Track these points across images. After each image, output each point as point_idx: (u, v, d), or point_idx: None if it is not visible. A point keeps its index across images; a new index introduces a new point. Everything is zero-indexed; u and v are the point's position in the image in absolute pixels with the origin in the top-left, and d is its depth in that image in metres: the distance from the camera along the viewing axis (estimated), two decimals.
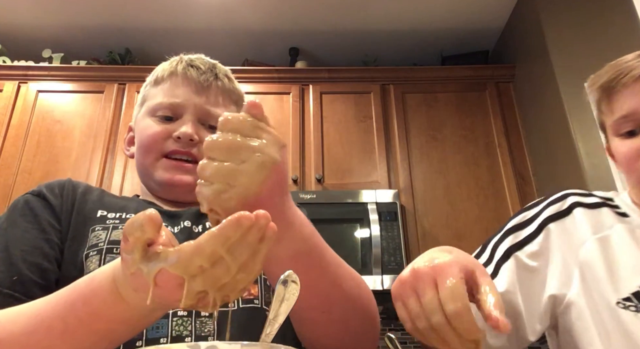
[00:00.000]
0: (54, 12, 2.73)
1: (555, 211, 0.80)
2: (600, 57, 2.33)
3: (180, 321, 0.62)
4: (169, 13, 2.73)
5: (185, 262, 0.37)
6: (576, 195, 0.82)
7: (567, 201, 0.81)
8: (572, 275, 0.74)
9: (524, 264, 0.76)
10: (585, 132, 2.18)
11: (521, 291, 0.74)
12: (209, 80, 0.81)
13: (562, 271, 0.75)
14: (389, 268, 2.19)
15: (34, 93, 2.64)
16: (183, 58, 0.84)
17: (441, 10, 2.75)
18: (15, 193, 2.38)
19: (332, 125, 2.63)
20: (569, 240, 0.77)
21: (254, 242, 0.38)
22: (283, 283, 0.38)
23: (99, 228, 0.70)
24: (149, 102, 0.83)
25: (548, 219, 0.79)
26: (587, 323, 0.71)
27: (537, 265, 0.76)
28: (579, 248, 0.75)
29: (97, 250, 0.67)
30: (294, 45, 2.99)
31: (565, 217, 0.79)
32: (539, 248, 0.77)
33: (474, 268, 0.52)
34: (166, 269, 0.37)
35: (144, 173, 0.82)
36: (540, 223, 0.79)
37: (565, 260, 0.75)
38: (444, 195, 2.47)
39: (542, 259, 0.76)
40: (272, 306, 0.38)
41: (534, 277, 0.75)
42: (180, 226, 0.74)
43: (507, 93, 2.74)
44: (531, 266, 0.76)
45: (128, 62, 2.86)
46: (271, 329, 0.38)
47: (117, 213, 0.74)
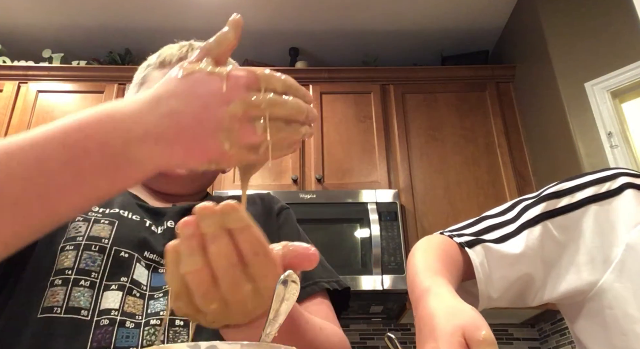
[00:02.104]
0: (54, 12, 2.74)
1: (604, 190, 0.74)
2: (600, 57, 2.35)
3: (152, 330, 0.59)
4: (169, 13, 2.73)
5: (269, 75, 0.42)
6: (628, 175, 0.75)
7: (617, 181, 0.75)
8: (611, 259, 0.70)
9: (552, 235, 0.74)
10: (585, 132, 2.18)
11: (542, 259, 0.73)
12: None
13: (592, 256, 0.71)
14: (389, 268, 2.19)
15: (34, 93, 2.64)
16: (193, 46, 0.80)
17: (441, 10, 2.75)
18: None
19: (332, 125, 2.63)
20: (613, 223, 0.72)
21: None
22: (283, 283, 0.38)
23: (80, 219, 0.67)
24: (148, 84, 0.78)
25: (592, 198, 0.74)
26: (624, 310, 0.67)
27: (564, 239, 0.73)
28: (629, 231, 0.70)
29: (75, 245, 0.64)
30: (294, 45, 2.99)
31: (614, 197, 0.73)
32: (572, 223, 0.73)
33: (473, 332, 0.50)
34: (244, 73, 0.41)
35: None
36: (582, 200, 0.74)
37: (600, 244, 0.71)
38: (444, 195, 2.47)
39: (571, 236, 0.73)
40: (272, 306, 0.38)
41: (559, 251, 0.73)
42: (163, 227, 0.71)
43: (507, 93, 2.74)
44: (558, 239, 0.73)
45: (128, 62, 2.86)
46: (271, 329, 0.38)
47: (101, 207, 0.71)
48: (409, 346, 2.51)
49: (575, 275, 0.72)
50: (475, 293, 0.74)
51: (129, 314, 0.60)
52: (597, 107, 2.16)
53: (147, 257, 0.67)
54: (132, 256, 0.65)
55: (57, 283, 0.61)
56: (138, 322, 0.60)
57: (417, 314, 0.56)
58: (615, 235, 0.71)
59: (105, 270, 0.63)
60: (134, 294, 0.62)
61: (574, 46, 2.33)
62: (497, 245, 0.74)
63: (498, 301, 0.74)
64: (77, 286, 0.60)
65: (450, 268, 0.68)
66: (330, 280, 0.74)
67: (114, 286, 0.62)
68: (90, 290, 0.61)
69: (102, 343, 0.57)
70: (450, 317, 0.51)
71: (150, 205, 0.75)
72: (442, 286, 0.58)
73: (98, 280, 0.62)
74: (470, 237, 0.76)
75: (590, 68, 2.23)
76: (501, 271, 0.73)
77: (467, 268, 0.73)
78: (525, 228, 0.75)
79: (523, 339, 2.57)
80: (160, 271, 0.66)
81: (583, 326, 0.74)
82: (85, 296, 0.60)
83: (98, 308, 0.60)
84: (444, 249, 0.73)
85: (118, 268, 0.63)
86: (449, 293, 0.57)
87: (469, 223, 0.82)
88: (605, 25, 2.25)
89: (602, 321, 0.70)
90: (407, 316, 2.43)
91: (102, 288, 0.61)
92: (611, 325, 0.68)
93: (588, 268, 0.72)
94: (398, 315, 2.47)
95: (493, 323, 2.52)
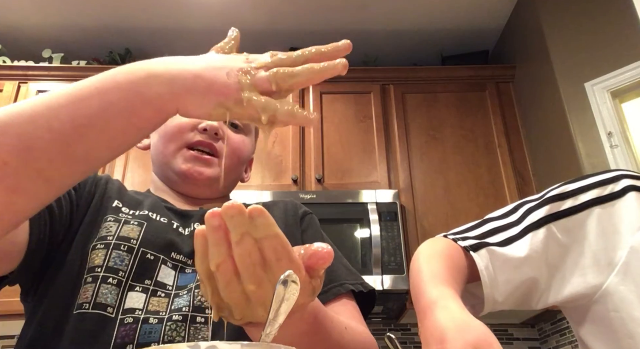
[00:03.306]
0: (54, 12, 2.74)
1: (606, 193, 0.74)
2: (600, 57, 2.35)
3: (174, 326, 0.61)
4: (169, 13, 2.73)
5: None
6: (631, 177, 0.75)
7: (620, 183, 0.75)
8: (615, 262, 0.70)
9: (556, 238, 0.73)
10: (585, 132, 2.18)
11: (546, 262, 0.73)
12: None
13: (596, 259, 0.71)
14: (389, 268, 2.19)
15: (34, 93, 2.64)
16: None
17: (441, 10, 2.75)
18: None
19: (332, 125, 2.63)
20: (616, 225, 0.72)
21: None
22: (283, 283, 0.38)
23: (111, 219, 0.70)
24: None
25: (596, 200, 0.74)
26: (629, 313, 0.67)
27: (568, 242, 0.73)
28: (633, 233, 0.70)
29: (105, 244, 0.66)
30: (294, 45, 2.99)
31: (617, 200, 0.73)
32: (575, 226, 0.73)
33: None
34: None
35: (162, 161, 0.80)
36: (586, 202, 0.74)
37: (604, 246, 0.71)
38: (444, 195, 2.47)
39: (574, 238, 0.73)
40: (272, 306, 0.38)
41: (562, 253, 0.73)
42: (190, 228, 0.74)
43: (507, 93, 2.74)
44: (562, 242, 0.73)
45: (128, 62, 2.86)
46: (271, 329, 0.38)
47: (132, 209, 0.74)
48: (408, 346, 2.51)
49: (579, 278, 0.72)
50: (478, 294, 0.74)
51: (152, 312, 0.63)
52: (597, 107, 2.16)
53: (173, 258, 0.69)
54: (157, 258, 0.68)
55: (88, 280, 0.63)
56: (161, 318, 0.62)
57: (423, 326, 0.56)
58: (619, 237, 0.71)
59: (131, 270, 0.65)
60: (158, 295, 0.65)
61: (574, 46, 2.33)
62: (502, 248, 0.74)
63: (503, 305, 0.74)
64: (105, 283, 0.63)
65: (455, 276, 0.68)
66: (355, 282, 0.75)
67: (138, 288, 0.64)
68: (117, 288, 0.63)
69: (125, 339, 0.59)
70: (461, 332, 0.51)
71: (178, 207, 0.78)
72: (450, 299, 0.58)
73: (124, 279, 0.64)
74: (475, 240, 0.76)
75: (590, 68, 2.23)
76: (506, 274, 0.73)
77: (471, 270, 0.73)
78: (529, 231, 0.75)
79: (523, 339, 2.57)
80: (187, 271, 0.69)
81: (589, 329, 0.73)
82: (112, 293, 0.63)
83: (122, 307, 0.62)
84: (448, 254, 0.72)
85: (143, 269, 0.66)
86: (458, 306, 0.57)
87: (472, 225, 0.81)
88: (605, 25, 2.25)
89: (608, 324, 0.69)
90: (407, 316, 2.43)
91: (127, 288, 0.64)
92: (617, 328, 0.68)
93: (592, 271, 0.71)
94: (398, 315, 2.47)
95: (493, 323, 2.52)
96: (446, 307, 0.56)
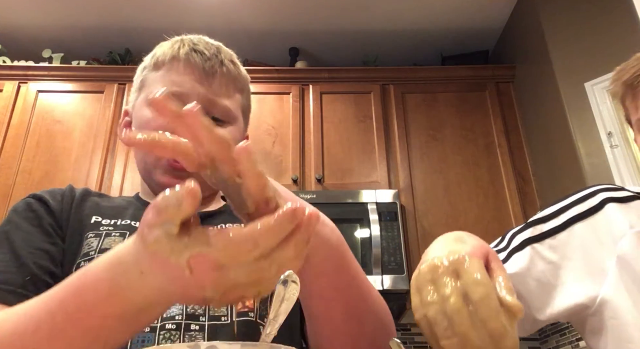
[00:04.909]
0: (54, 12, 2.74)
1: (585, 208, 0.76)
2: (600, 57, 2.35)
3: (167, 335, 0.59)
4: (169, 13, 2.73)
5: (235, 250, 0.33)
6: (607, 190, 0.78)
7: (597, 197, 0.77)
8: (606, 272, 0.71)
9: (542, 256, 0.75)
10: (585, 132, 2.18)
11: (534, 277, 0.73)
12: (214, 67, 0.75)
13: (589, 271, 0.72)
14: (389, 268, 2.19)
15: (34, 93, 2.64)
16: (185, 41, 0.77)
17: (441, 10, 2.75)
18: (15, 193, 2.38)
19: (332, 125, 2.63)
20: (599, 238, 0.74)
21: (303, 241, 0.35)
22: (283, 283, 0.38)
23: (92, 235, 0.67)
24: (147, 88, 0.77)
25: (576, 217, 0.76)
26: (626, 319, 0.68)
27: (555, 258, 0.74)
28: (616, 243, 0.72)
29: (89, 260, 0.64)
30: (294, 45, 2.99)
31: (596, 213, 0.75)
32: (560, 244, 0.75)
33: (488, 253, 0.52)
34: (207, 253, 0.33)
35: (145, 169, 0.76)
36: (567, 220, 0.76)
37: (595, 259, 0.73)
38: (444, 195, 2.47)
39: (562, 254, 0.74)
40: (272, 306, 0.38)
41: (550, 269, 0.74)
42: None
43: (507, 93, 2.74)
44: (551, 259, 0.74)
45: (128, 62, 2.86)
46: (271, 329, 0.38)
47: (112, 219, 0.70)
48: (409, 346, 2.51)
49: (576, 290, 0.72)
50: None
51: None
52: (597, 107, 2.16)
53: None
54: None
55: None
56: (154, 326, 0.60)
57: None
58: (605, 248, 0.73)
59: None
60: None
61: (574, 46, 2.33)
62: None
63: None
64: None
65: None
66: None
67: None
68: None
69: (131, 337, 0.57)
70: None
71: None
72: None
73: None
74: None
75: (590, 68, 2.23)
76: None
77: None
78: (513, 253, 0.76)
79: (523, 340, 2.57)
80: None
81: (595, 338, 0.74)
82: None
83: None
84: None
85: None
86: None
87: None
88: (605, 25, 2.25)
89: (610, 332, 0.70)
90: (407, 316, 2.43)
91: None
92: (618, 335, 0.69)
93: (586, 283, 0.72)
94: (398, 315, 2.47)
95: None
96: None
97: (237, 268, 0.34)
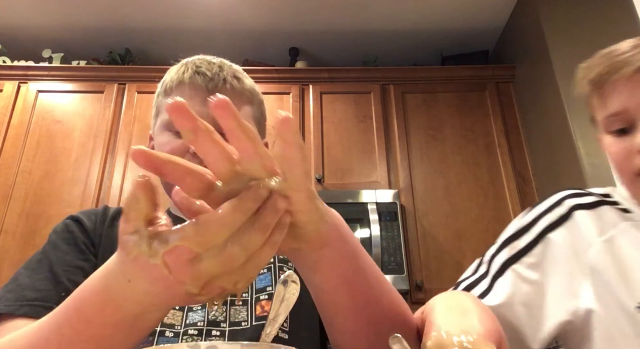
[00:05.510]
0: (54, 12, 2.74)
1: (555, 218, 0.75)
2: None
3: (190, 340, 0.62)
4: (169, 13, 2.73)
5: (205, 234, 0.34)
6: (573, 196, 0.77)
7: (565, 204, 0.76)
8: (583, 283, 0.70)
9: (523, 276, 0.73)
10: (585, 132, 2.18)
11: (520, 302, 0.71)
12: (217, 87, 0.78)
13: (570, 283, 0.71)
14: (389, 268, 2.19)
15: (34, 93, 2.64)
16: (188, 65, 0.81)
17: (441, 10, 2.75)
18: (15, 193, 2.39)
19: (332, 125, 2.63)
20: (573, 247, 0.72)
21: (267, 224, 0.36)
22: (283, 283, 0.38)
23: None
24: (162, 114, 0.81)
25: (547, 228, 0.75)
26: (605, 330, 0.67)
27: (537, 277, 0.72)
28: (586, 253, 0.71)
29: None
30: (294, 45, 2.99)
31: (566, 222, 0.74)
32: (538, 260, 0.73)
33: (501, 338, 0.48)
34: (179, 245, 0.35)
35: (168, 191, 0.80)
36: (539, 233, 0.75)
37: (572, 270, 0.71)
38: (444, 195, 2.47)
39: (542, 271, 0.73)
40: (272, 306, 0.38)
41: (534, 290, 0.72)
42: None
43: (507, 93, 2.74)
44: (531, 279, 0.72)
45: (128, 62, 2.86)
46: (271, 329, 0.38)
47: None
48: None
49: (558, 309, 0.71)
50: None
51: (168, 325, 0.64)
52: None
53: None
54: None
55: None
56: (177, 332, 0.63)
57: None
58: (579, 258, 0.72)
59: None
60: (174, 307, 0.66)
61: (574, 46, 2.33)
62: None
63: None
64: None
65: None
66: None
67: None
68: None
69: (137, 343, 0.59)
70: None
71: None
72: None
73: None
74: None
75: None
76: None
77: None
78: (496, 279, 0.74)
79: None
80: None
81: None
82: None
83: None
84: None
85: None
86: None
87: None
88: (605, 25, 2.25)
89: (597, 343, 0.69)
90: None
91: None
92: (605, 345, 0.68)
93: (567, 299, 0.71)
94: None
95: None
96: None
97: (209, 258, 0.35)
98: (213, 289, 0.37)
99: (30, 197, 2.39)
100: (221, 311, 0.67)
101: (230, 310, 0.67)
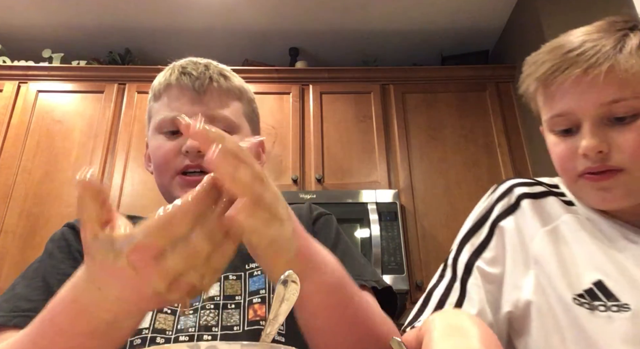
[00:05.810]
0: (54, 12, 2.74)
1: (505, 207, 0.75)
2: None
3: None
4: (169, 13, 2.73)
5: (166, 226, 0.35)
6: (522, 185, 0.77)
7: (514, 193, 0.76)
8: (527, 274, 0.70)
9: (486, 274, 0.72)
10: None
11: (489, 305, 0.70)
12: (204, 85, 0.78)
13: (518, 274, 0.70)
14: (389, 268, 2.19)
15: (34, 93, 2.64)
16: (175, 67, 0.82)
17: (441, 10, 2.75)
18: (15, 193, 2.39)
19: (332, 125, 2.63)
20: (521, 237, 0.72)
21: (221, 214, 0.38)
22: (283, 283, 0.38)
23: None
24: (153, 118, 0.82)
25: (498, 218, 0.75)
26: (543, 321, 0.67)
27: (497, 272, 0.72)
28: (532, 243, 0.71)
29: None
30: (294, 45, 2.99)
31: (515, 211, 0.74)
32: (495, 254, 0.73)
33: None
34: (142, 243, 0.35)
35: (163, 191, 0.80)
36: (491, 224, 0.75)
37: (520, 260, 0.71)
38: (444, 195, 2.47)
39: (500, 265, 0.72)
40: (272, 306, 0.38)
41: (496, 287, 0.71)
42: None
43: (507, 93, 2.74)
44: (492, 275, 0.72)
45: (128, 62, 2.86)
46: (271, 329, 0.38)
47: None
48: None
49: (507, 300, 0.70)
50: None
51: (159, 331, 0.64)
52: None
53: None
54: None
55: None
56: (168, 337, 0.63)
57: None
58: (524, 249, 0.71)
59: None
60: (164, 312, 0.66)
61: None
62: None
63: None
64: None
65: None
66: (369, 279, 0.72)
67: None
68: None
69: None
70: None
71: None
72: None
73: None
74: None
75: None
76: None
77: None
78: (466, 282, 0.72)
79: None
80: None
81: (520, 341, 0.71)
82: None
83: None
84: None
85: None
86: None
87: (420, 305, 0.77)
88: None
89: (532, 335, 0.68)
90: (407, 315, 2.42)
91: None
92: (538, 338, 0.67)
93: (513, 290, 0.70)
94: (398, 315, 2.47)
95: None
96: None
97: (174, 253, 0.36)
98: (180, 286, 0.37)
99: (30, 197, 2.39)
100: (213, 315, 0.66)
101: (222, 314, 0.67)
